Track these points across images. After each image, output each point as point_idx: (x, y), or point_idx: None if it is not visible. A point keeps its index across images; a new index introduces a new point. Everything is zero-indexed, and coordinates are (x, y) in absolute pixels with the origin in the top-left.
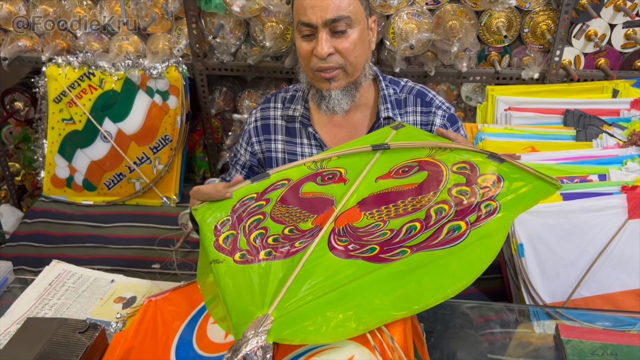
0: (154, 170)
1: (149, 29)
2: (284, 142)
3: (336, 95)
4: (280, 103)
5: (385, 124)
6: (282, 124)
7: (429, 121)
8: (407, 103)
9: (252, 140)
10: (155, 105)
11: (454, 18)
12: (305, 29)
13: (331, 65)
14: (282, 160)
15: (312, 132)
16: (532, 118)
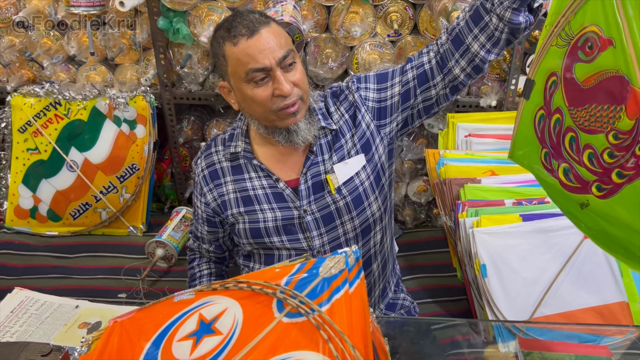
0: (121, 200)
1: (117, 59)
2: (233, 182)
3: (303, 126)
4: (220, 145)
5: (320, 135)
6: (227, 165)
7: (352, 103)
8: (329, 105)
9: (204, 190)
10: (122, 134)
11: (414, 49)
12: (259, 74)
13: (294, 99)
14: (235, 200)
15: (257, 164)
16: (491, 144)
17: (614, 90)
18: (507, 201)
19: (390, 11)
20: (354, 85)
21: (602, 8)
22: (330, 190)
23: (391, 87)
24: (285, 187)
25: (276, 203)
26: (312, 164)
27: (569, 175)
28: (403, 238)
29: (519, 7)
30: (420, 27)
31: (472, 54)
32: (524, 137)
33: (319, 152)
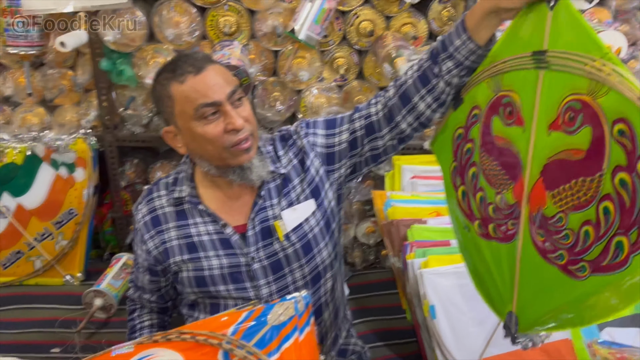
0: (57, 247)
1: (56, 100)
2: (177, 228)
3: (256, 162)
4: (163, 190)
5: (268, 180)
6: (171, 210)
7: (301, 148)
8: (277, 149)
9: (145, 237)
10: (60, 178)
11: (360, 93)
12: (209, 109)
13: (246, 134)
14: (179, 247)
15: (203, 210)
16: (435, 185)
17: (511, 165)
18: (453, 241)
19: (336, 57)
20: (303, 130)
21: (530, 86)
22: (278, 237)
23: (339, 133)
24: (233, 233)
25: (222, 250)
26: (260, 209)
27: (464, 199)
28: (353, 280)
29: (466, 74)
30: (366, 72)
31: (419, 112)
32: (445, 138)
33: (267, 196)
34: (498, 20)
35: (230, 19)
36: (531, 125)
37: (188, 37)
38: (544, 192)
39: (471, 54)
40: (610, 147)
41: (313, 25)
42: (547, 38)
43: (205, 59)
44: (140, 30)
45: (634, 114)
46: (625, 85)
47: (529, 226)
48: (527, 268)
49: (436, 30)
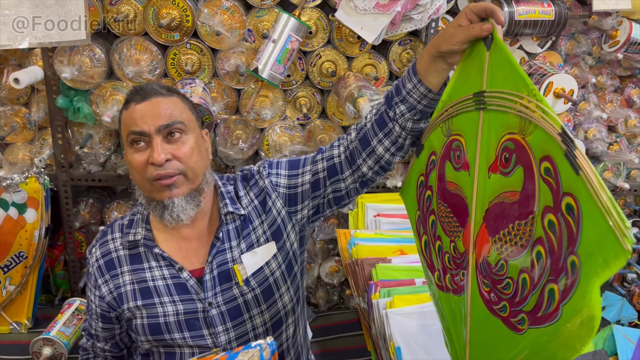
0: (4, 292)
1: (8, 138)
2: (131, 272)
3: (179, 203)
4: (118, 232)
5: (227, 220)
6: (125, 253)
7: (259, 188)
8: (238, 189)
9: (99, 282)
10: (9, 219)
11: (323, 132)
12: (136, 138)
13: (170, 171)
14: (132, 292)
15: (158, 253)
16: (398, 223)
17: (461, 211)
18: (418, 280)
19: (299, 96)
20: (265, 170)
21: (473, 128)
22: (237, 282)
23: (302, 174)
24: (189, 278)
25: (178, 295)
26: (218, 252)
27: (427, 249)
28: (316, 322)
29: (420, 119)
30: (328, 111)
31: (378, 156)
32: (410, 186)
33: (225, 238)
34: (445, 64)
35: (192, 57)
36: (474, 168)
37: (149, 74)
38: (488, 239)
39: (423, 97)
40: (539, 187)
41: (276, 64)
42: (485, 78)
43: (156, 90)
44: (99, 67)
45: (556, 150)
46: (547, 122)
47: (477, 276)
48: (476, 322)
49: (396, 71)
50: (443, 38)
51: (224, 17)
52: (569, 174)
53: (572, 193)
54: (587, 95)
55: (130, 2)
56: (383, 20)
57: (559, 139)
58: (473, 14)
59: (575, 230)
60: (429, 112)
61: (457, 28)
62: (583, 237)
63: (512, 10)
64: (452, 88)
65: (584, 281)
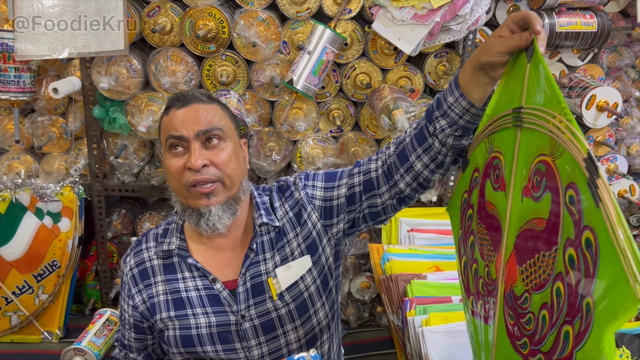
0: (36, 301)
1: (45, 148)
2: (165, 282)
3: (216, 211)
4: (152, 241)
5: (261, 232)
6: (159, 263)
7: (295, 199)
8: (274, 200)
9: (132, 292)
10: (44, 228)
11: (356, 145)
12: (175, 142)
13: (207, 177)
14: (165, 303)
15: (192, 264)
16: (433, 239)
17: (496, 235)
18: (454, 297)
19: (332, 108)
20: (301, 182)
21: (511, 146)
22: (271, 296)
23: (338, 187)
24: (223, 289)
25: (211, 307)
26: (251, 263)
27: (465, 269)
28: (347, 339)
29: (462, 135)
30: (362, 124)
31: (416, 172)
32: (455, 203)
33: (259, 250)
34: (488, 78)
35: (227, 69)
36: (509, 189)
37: (184, 85)
38: (516, 267)
39: (464, 112)
40: (564, 216)
41: (311, 76)
42: (525, 92)
43: (197, 96)
44: (135, 78)
45: (580, 177)
46: (574, 145)
47: (504, 306)
48: (501, 355)
49: (432, 84)
50: (483, 49)
51: (260, 28)
52: (591, 205)
53: (592, 227)
54: (630, 109)
55: (167, 13)
56: (421, 31)
57: (583, 164)
58: (514, 24)
59: (592, 269)
60: (471, 128)
61: (497, 38)
62: (598, 277)
63: (552, 22)
64: (496, 102)
65: (597, 328)
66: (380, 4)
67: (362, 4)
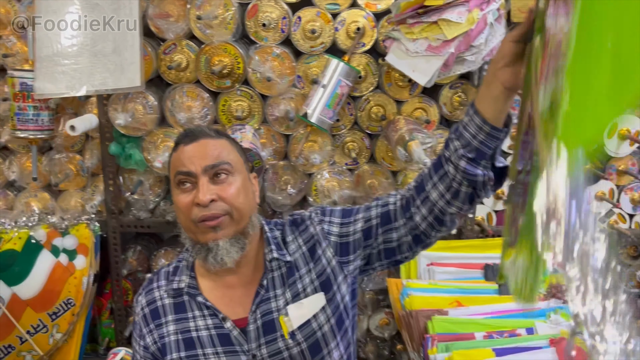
0: (51, 341)
1: (62, 185)
2: (175, 322)
3: (224, 245)
4: (163, 280)
5: (272, 267)
6: (170, 302)
7: (309, 234)
8: (286, 234)
9: (143, 332)
10: (59, 265)
11: (372, 177)
12: (183, 178)
13: (215, 212)
14: (176, 343)
15: (202, 302)
16: (453, 273)
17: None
18: (478, 334)
19: (347, 141)
20: (317, 217)
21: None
22: (283, 334)
23: (354, 222)
24: (233, 328)
25: (222, 347)
26: (262, 300)
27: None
28: None
29: (475, 159)
30: (377, 156)
31: (432, 202)
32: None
33: (270, 286)
34: (500, 88)
35: (242, 103)
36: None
37: (200, 120)
38: None
39: (479, 131)
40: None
41: (326, 109)
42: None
43: (205, 132)
44: (151, 114)
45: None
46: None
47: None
48: None
49: (447, 115)
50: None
51: (274, 63)
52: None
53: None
54: None
55: (183, 50)
56: (435, 62)
57: None
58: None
59: None
60: (485, 152)
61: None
62: None
63: None
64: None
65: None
66: (393, 36)
67: (375, 37)
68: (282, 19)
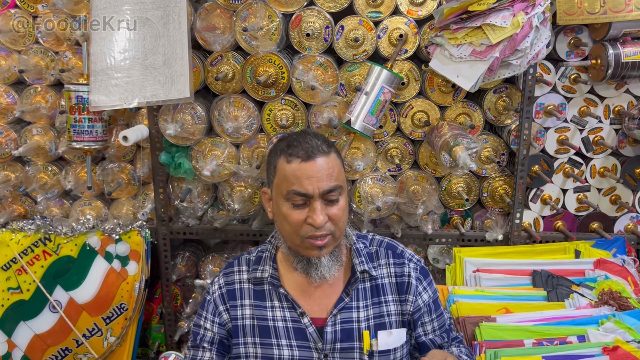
0: (105, 344)
1: (114, 194)
2: (252, 307)
3: (327, 262)
4: (245, 266)
5: (362, 279)
6: (249, 287)
7: (404, 272)
8: (379, 256)
9: (219, 309)
10: (113, 271)
11: (415, 183)
12: (299, 198)
13: (324, 232)
14: (251, 328)
15: (283, 293)
16: (501, 279)
17: None
18: (527, 341)
19: (390, 147)
20: (417, 271)
21: None
22: (362, 348)
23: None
24: (310, 324)
25: (296, 340)
26: (345, 307)
27: None
28: None
29: None
30: (421, 162)
31: None
32: None
33: (354, 296)
34: None
35: (286, 112)
36: None
37: (246, 130)
38: None
39: None
40: None
41: (368, 116)
42: None
43: (320, 148)
44: (199, 124)
45: None
46: None
47: None
48: None
49: (492, 120)
50: None
51: (318, 72)
52: None
53: None
54: None
55: (229, 62)
56: (480, 67)
57: None
58: None
59: None
60: None
61: None
62: None
63: (617, 52)
64: None
65: None
66: (437, 42)
67: (417, 43)
68: (325, 28)
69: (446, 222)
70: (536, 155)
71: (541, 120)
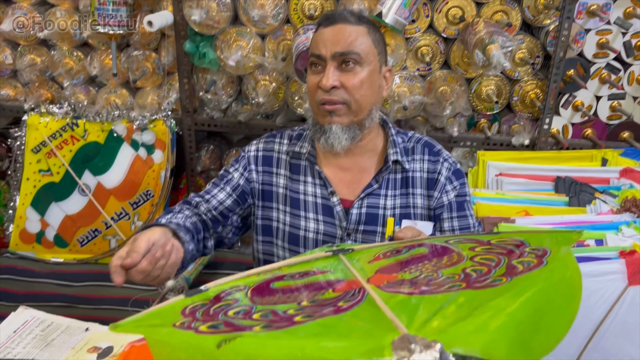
0: (132, 227)
1: (139, 82)
2: (287, 178)
3: (336, 130)
4: (286, 139)
5: (393, 169)
6: (286, 159)
7: (435, 169)
8: (415, 151)
9: (251, 167)
10: (139, 158)
11: (445, 84)
12: (315, 60)
13: (334, 98)
14: (283, 197)
15: (318, 170)
16: (523, 184)
17: (322, 286)
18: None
19: (421, 45)
20: (450, 171)
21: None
22: (384, 233)
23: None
24: (338, 203)
25: (323, 215)
26: (372, 193)
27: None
28: None
29: None
30: (452, 62)
31: None
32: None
33: (384, 184)
34: None
35: (315, 2)
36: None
37: (272, 20)
38: (395, 274)
39: None
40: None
41: (401, 8)
42: None
43: (345, 16)
44: (225, 12)
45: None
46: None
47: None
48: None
49: (530, 19)
50: None
51: None
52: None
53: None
54: None
55: None
56: None
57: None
58: None
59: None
60: None
61: None
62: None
63: None
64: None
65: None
66: None
67: None
68: None
69: (472, 126)
70: (573, 59)
71: (582, 22)
